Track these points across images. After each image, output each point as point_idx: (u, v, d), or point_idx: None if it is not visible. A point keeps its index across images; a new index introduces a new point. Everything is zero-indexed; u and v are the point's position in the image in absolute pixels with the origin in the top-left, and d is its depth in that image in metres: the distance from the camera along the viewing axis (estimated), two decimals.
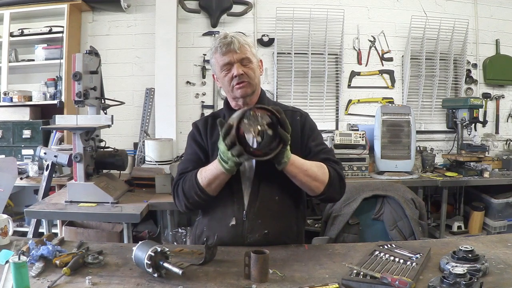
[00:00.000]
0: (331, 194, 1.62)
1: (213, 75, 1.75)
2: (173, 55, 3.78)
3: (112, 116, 2.56)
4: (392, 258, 1.39)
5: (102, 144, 2.69)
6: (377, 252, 1.43)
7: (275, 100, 3.81)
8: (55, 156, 2.73)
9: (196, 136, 1.74)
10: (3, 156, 3.52)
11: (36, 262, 1.35)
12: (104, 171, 2.72)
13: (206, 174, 1.56)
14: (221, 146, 1.44)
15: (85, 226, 3.02)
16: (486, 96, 4.15)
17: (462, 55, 4.07)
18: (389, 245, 1.51)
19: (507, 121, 4.24)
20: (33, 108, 3.69)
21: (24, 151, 3.59)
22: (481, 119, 3.71)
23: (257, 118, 1.38)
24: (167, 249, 1.31)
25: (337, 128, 4.02)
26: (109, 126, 2.54)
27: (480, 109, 3.66)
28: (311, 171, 1.55)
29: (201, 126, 1.74)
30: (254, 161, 1.61)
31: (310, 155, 1.65)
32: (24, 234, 3.22)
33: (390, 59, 4.10)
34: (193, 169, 1.65)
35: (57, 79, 3.72)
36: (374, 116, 3.70)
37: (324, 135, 1.78)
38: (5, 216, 1.61)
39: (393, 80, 4.10)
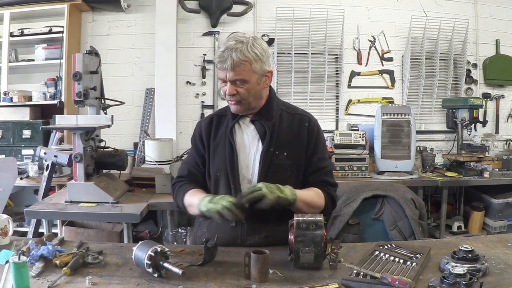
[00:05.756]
0: None
1: None
2: (173, 55, 3.77)
3: (112, 116, 2.56)
4: (392, 258, 1.39)
5: (102, 144, 2.68)
6: (377, 252, 1.43)
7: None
8: (55, 156, 2.73)
9: (197, 139, 1.74)
10: (3, 156, 3.52)
11: (36, 262, 1.35)
12: (104, 171, 2.72)
13: (190, 200, 1.62)
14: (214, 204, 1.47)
15: (85, 226, 3.02)
16: (486, 96, 4.15)
17: (462, 55, 4.07)
18: (389, 245, 1.51)
19: (507, 121, 4.24)
20: (33, 108, 3.68)
21: (24, 151, 3.58)
22: (481, 119, 3.71)
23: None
24: (167, 249, 1.31)
25: (337, 128, 4.02)
26: (109, 126, 2.54)
27: (480, 109, 3.66)
28: (313, 204, 1.58)
29: (204, 128, 1.73)
30: (257, 165, 1.61)
31: (311, 169, 1.66)
32: (24, 234, 3.21)
33: (390, 59, 4.10)
34: (188, 174, 1.73)
35: (57, 79, 3.71)
36: (374, 116, 3.70)
37: (324, 135, 1.78)
38: (5, 216, 1.62)
39: (393, 80, 4.10)
